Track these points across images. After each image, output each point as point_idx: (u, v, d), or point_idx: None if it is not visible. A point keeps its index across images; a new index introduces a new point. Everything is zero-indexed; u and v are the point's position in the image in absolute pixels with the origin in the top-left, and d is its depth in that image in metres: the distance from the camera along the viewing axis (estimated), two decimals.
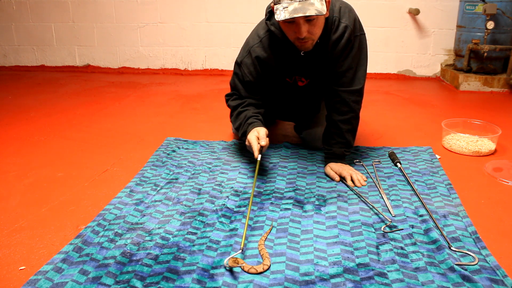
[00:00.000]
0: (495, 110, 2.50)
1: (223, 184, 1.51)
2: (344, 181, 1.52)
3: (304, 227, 1.23)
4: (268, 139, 1.45)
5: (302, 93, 1.73)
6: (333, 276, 1.02)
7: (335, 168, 1.55)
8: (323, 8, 1.29)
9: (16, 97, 2.86)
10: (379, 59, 3.38)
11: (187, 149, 1.85)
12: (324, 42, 1.48)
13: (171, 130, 2.14)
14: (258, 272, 1.03)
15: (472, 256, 1.08)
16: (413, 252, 1.11)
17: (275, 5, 1.33)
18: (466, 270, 1.03)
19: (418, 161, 1.70)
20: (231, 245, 1.14)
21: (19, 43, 3.75)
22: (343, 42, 1.47)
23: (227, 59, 3.54)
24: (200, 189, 1.47)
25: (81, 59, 3.72)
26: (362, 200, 1.39)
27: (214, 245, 1.14)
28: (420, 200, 1.37)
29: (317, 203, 1.37)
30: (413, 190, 1.45)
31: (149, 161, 1.72)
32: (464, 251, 1.10)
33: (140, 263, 1.06)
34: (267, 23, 1.50)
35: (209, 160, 1.72)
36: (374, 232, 1.20)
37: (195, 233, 1.20)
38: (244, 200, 1.39)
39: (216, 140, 1.96)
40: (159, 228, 1.23)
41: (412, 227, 1.22)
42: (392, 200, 1.39)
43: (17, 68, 3.81)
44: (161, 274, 1.02)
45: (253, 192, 1.34)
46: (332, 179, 1.54)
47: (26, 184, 1.56)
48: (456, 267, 1.03)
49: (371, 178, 1.55)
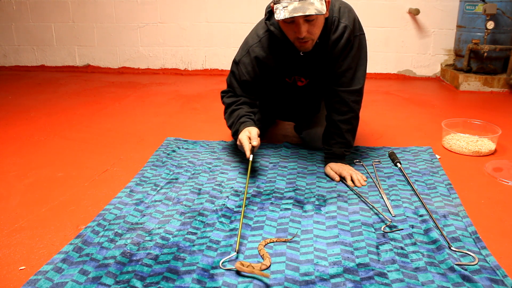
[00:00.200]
0: (495, 110, 2.50)
1: (223, 184, 1.51)
2: (344, 181, 1.52)
3: (304, 227, 1.23)
4: (259, 139, 1.45)
5: (302, 93, 1.73)
6: (333, 276, 1.02)
7: (335, 168, 1.55)
8: (323, 8, 1.29)
9: (16, 97, 2.86)
10: (379, 59, 3.38)
11: (187, 149, 1.85)
12: (323, 42, 1.48)
13: (171, 130, 2.14)
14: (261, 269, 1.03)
15: (472, 256, 1.08)
16: (413, 252, 1.11)
17: (274, 4, 1.33)
18: (466, 270, 1.03)
19: (418, 161, 1.70)
20: (231, 245, 1.14)
21: (19, 43, 3.75)
22: (342, 42, 1.47)
23: (227, 59, 3.54)
24: (200, 189, 1.47)
25: (81, 59, 3.72)
26: (362, 200, 1.39)
27: (214, 245, 1.14)
28: (420, 200, 1.37)
29: (317, 203, 1.37)
30: (413, 190, 1.45)
31: (149, 161, 1.72)
32: (464, 251, 1.10)
33: (140, 263, 1.06)
34: (267, 23, 1.50)
35: (209, 160, 1.72)
36: (374, 232, 1.20)
37: (195, 233, 1.20)
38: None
39: (216, 140, 1.96)
40: (159, 228, 1.23)
41: (412, 227, 1.22)
42: (392, 200, 1.39)
43: (17, 68, 3.81)
44: (161, 274, 1.02)
45: (246, 193, 1.34)
46: (332, 179, 1.54)
47: (26, 184, 1.56)
48: (456, 267, 1.03)
49: (371, 178, 1.55)
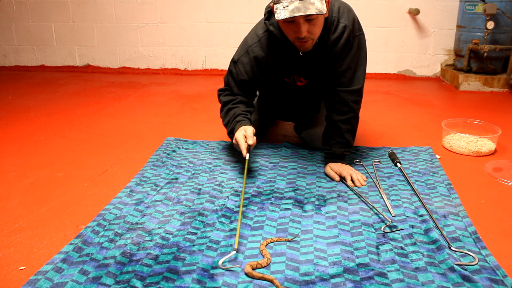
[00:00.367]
0: (495, 110, 2.50)
1: (223, 184, 1.51)
2: (344, 181, 1.52)
3: (304, 227, 1.23)
4: (255, 138, 1.45)
5: (301, 93, 1.73)
6: (333, 276, 1.02)
7: (335, 168, 1.55)
8: (323, 8, 1.29)
9: (16, 97, 2.86)
10: (379, 59, 3.38)
11: (187, 149, 1.85)
12: (323, 42, 1.48)
13: (171, 130, 2.14)
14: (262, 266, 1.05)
15: (472, 256, 1.08)
16: (413, 252, 1.11)
17: (275, 4, 1.32)
18: (466, 270, 1.03)
19: (418, 161, 1.70)
20: (231, 245, 1.14)
21: (19, 43, 3.75)
22: (342, 42, 1.47)
23: (227, 59, 3.53)
24: (200, 189, 1.47)
25: (81, 59, 3.72)
26: (362, 200, 1.39)
27: (214, 245, 1.14)
28: (420, 200, 1.37)
29: (317, 203, 1.37)
30: (413, 190, 1.45)
31: (149, 161, 1.72)
32: (464, 251, 1.10)
33: (140, 263, 1.06)
34: (266, 23, 1.50)
35: (209, 160, 1.72)
36: (374, 232, 1.20)
37: (195, 233, 1.20)
38: (244, 200, 1.39)
39: (216, 140, 1.96)
40: (159, 228, 1.23)
41: (412, 227, 1.22)
42: (392, 200, 1.39)
43: (17, 68, 3.81)
44: (161, 274, 1.02)
45: (244, 192, 1.34)
46: (332, 179, 1.54)
47: (26, 184, 1.56)
48: (456, 267, 1.03)
49: (371, 178, 1.55)
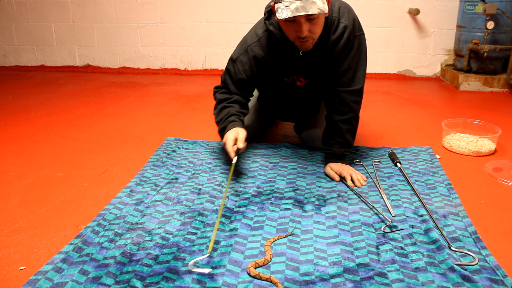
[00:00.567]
0: (495, 110, 2.50)
1: (223, 184, 1.51)
2: (344, 181, 1.52)
3: (304, 227, 1.23)
4: (246, 143, 1.45)
5: (301, 93, 1.73)
6: (333, 276, 1.02)
7: (335, 168, 1.55)
8: (325, 7, 1.28)
9: (16, 97, 2.86)
10: (379, 59, 3.37)
11: (187, 149, 1.85)
12: (323, 42, 1.48)
13: (171, 130, 2.14)
14: (262, 265, 1.05)
15: (472, 256, 1.08)
16: (413, 252, 1.11)
17: (275, 3, 1.31)
18: (466, 270, 1.03)
19: (418, 161, 1.70)
20: (231, 245, 1.14)
21: (19, 43, 3.74)
22: (342, 42, 1.47)
23: (227, 59, 3.50)
24: (200, 189, 1.47)
25: (81, 59, 3.72)
26: (362, 200, 1.39)
27: (214, 245, 1.14)
28: (420, 200, 1.37)
29: (317, 203, 1.37)
30: (413, 190, 1.45)
31: (149, 161, 1.72)
32: (464, 251, 1.10)
33: (140, 263, 1.06)
34: (266, 23, 1.49)
35: (209, 160, 1.72)
36: (374, 232, 1.20)
37: (195, 233, 1.20)
38: (244, 200, 1.39)
39: (216, 140, 1.96)
40: (159, 228, 1.23)
41: (412, 227, 1.22)
42: (392, 200, 1.39)
43: (17, 68, 3.81)
44: (161, 274, 1.02)
45: (226, 195, 1.31)
46: (332, 179, 1.54)
47: (26, 184, 1.56)
48: (456, 267, 1.03)
49: (371, 178, 1.55)
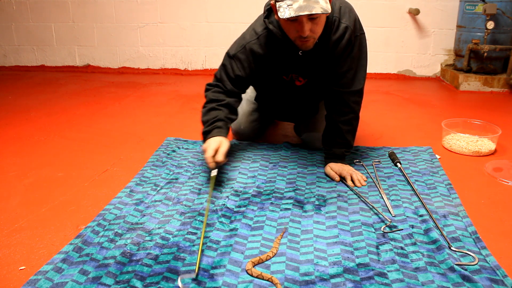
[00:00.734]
0: (495, 110, 2.50)
1: (223, 184, 1.51)
2: (344, 181, 1.52)
3: (304, 227, 1.23)
4: (227, 159, 1.44)
5: (300, 93, 1.72)
6: (333, 276, 1.02)
7: (335, 168, 1.55)
8: (327, 7, 1.27)
9: (16, 97, 2.86)
10: (379, 59, 3.37)
11: (187, 149, 1.85)
12: (323, 42, 1.47)
13: (171, 130, 2.14)
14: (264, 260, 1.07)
15: (472, 256, 1.08)
16: (413, 252, 1.11)
17: (277, 2, 1.29)
18: (466, 270, 1.03)
19: (418, 161, 1.70)
20: (231, 245, 1.14)
21: (19, 43, 3.74)
22: (343, 43, 1.46)
23: None
24: (200, 189, 1.47)
25: (81, 59, 3.72)
26: (362, 200, 1.39)
27: (214, 245, 1.14)
28: (420, 200, 1.37)
29: (317, 203, 1.37)
30: (413, 190, 1.45)
31: (149, 161, 1.72)
32: (464, 251, 1.10)
33: (140, 263, 1.06)
34: (265, 21, 1.49)
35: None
36: (374, 232, 1.20)
37: (195, 233, 1.20)
38: (244, 200, 1.39)
39: None
40: (159, 228, 1.23)
41: (412, 227, 1.22)
42: (392, 200, 1.39)
43: (17, 68, 3.81)
44: (161, 274, 1.02)
45: (207, 215, 1.27)
46: (332, 179, 1.54)
47: (26, 184, 1.55)
48: (456, 267, 1.03)
49: (371, 178, 1.55)
